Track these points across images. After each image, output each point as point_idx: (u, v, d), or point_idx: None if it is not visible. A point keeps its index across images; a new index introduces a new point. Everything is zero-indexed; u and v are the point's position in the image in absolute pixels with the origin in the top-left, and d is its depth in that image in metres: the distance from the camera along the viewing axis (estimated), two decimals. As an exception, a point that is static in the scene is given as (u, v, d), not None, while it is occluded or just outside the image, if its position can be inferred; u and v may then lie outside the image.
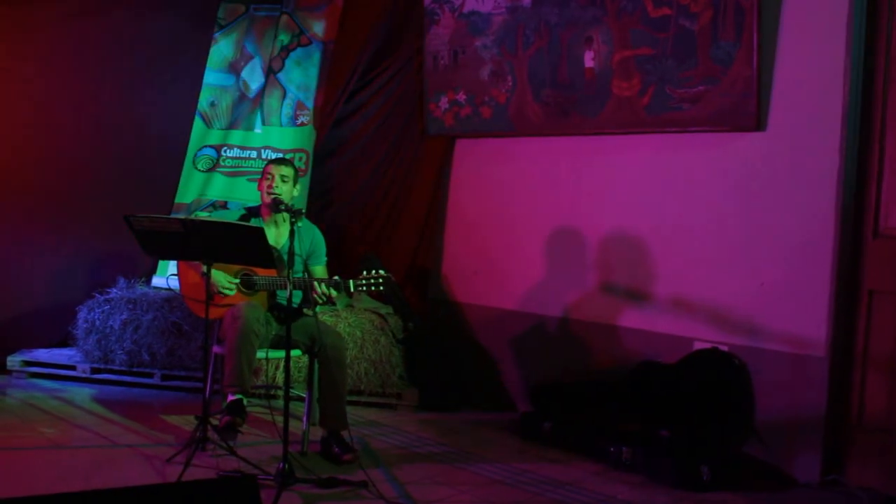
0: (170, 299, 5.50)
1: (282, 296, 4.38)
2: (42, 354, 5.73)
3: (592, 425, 4.76)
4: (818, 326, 4.28)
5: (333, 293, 4.18)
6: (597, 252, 5.25)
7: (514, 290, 5.68)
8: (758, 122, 4.46)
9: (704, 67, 4.58)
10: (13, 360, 5.63)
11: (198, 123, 6.12)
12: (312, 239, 4.56)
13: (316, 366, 4.38)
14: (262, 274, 4.32)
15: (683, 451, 4.31)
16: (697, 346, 4.69)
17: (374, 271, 4.15)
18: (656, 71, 4.79)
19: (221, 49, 6.16)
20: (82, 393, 5.33)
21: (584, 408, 4.95)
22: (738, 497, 4.06)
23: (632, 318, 5.06)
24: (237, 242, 3.93)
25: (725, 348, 4.58)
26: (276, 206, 4.27)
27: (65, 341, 5.88)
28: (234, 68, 6.16)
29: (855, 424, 4.27)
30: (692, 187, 4.83)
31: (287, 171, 4.46)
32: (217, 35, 6.16)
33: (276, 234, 4.48)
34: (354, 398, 5.29)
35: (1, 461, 3.97)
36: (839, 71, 4.21)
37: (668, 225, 4.92)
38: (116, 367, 5.53)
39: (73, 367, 5.59)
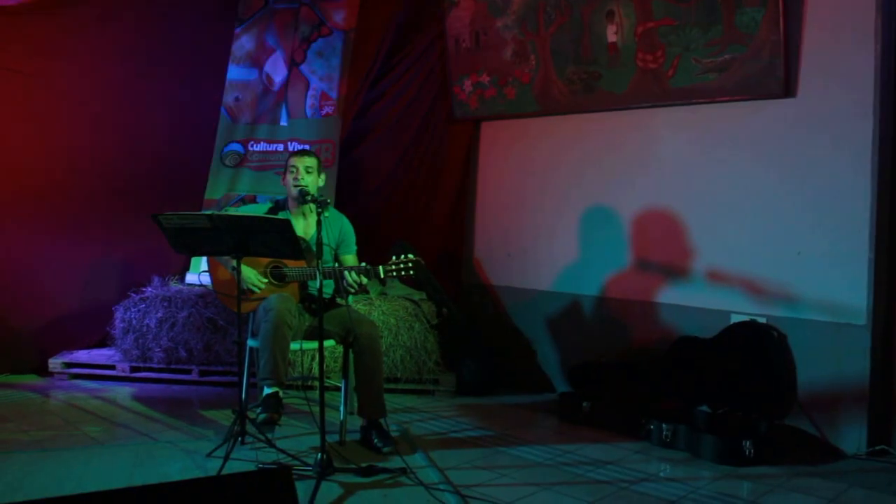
0: (204, 295, 5.54)
1: (313, 286, 4.38)
2: (82, 355, 5.81)
3: (632, 404, 4.72)
4: (858, 294, 4.19)
5: (364, 280, 4.14)
6: (629, 228, 5.19)
7: (547, 271, 5.64)
8: (787, 88, 4.36)
9: (730, 35, 4.49)
10: (55, 363, 5.71)
11: (223, 119, 6.14)
12: (341, 228, 4.55)
13: (351, 355, 4.37)
14: (292, 266, 4.32)
15: (725, 426, 4.25)
16: (735, 319, 4.62)
17: (403, 256, 4.10)
18: (680, 41, 4.70)
19: (243, 44, 6.17)
20: (123, 392, 5.39)
21: (622, 386, 4.91)
22: (783, 471, 4.00)
23: (667, 294, 5.00)
24: (264, 236, 3.93)
25: (763, 320, 4.51)
26: (303, 197, 4.25)
27: (103, 341, 5.96)
28: (256, 62, 6.16)
29: (901, 392, 4.19)
30: (723, 158, 4.75)
31: (311, 161, 4.44)
32: (238, 30, 6.16)
33: (305, 225, 4.48)
34: (392, 385, 5.30)
35: (47, 461, 4.02)
36: (870, 29, 4.11)
37: (701, 197, 4.85)
38: (155, 365, 5.60)
39: (112, 367, 5.66)
